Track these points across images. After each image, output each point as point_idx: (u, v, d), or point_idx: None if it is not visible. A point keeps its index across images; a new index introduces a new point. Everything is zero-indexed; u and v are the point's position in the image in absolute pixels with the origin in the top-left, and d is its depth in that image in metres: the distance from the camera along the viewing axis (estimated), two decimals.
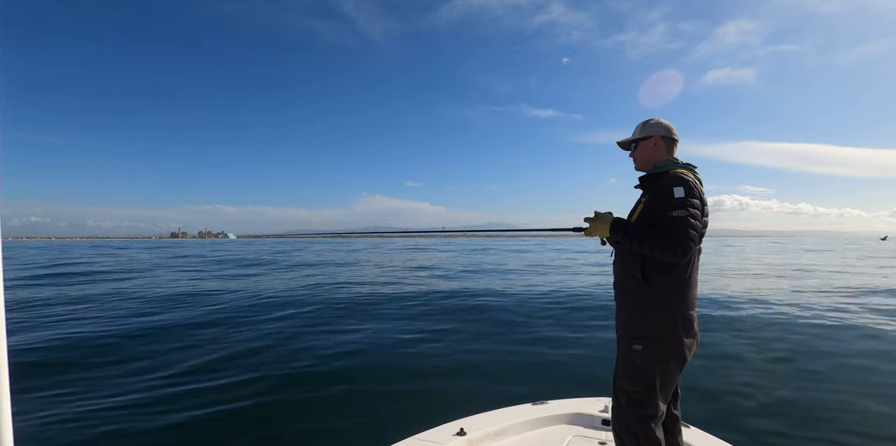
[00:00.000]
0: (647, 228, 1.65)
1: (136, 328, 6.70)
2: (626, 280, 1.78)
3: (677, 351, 1.68)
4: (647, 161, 1.90)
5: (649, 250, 1.61)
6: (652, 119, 1.91)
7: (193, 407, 3.63)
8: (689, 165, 1.82)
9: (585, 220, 1.82)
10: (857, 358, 5.07)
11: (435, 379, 4.38)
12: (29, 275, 15.91)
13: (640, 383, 1.70)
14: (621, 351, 1.79)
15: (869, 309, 8.28)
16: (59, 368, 4.71)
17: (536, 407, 2.49)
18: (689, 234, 1.58)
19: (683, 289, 1.69)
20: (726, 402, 3.78)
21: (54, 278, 14.83)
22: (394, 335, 6.21)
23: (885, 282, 12.93)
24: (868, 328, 6.59)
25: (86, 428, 3.25)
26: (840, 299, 9.41)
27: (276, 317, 7.52)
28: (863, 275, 14.92)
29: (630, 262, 1.74)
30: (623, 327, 1.79)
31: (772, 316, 7.52)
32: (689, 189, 1.64)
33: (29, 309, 8.52)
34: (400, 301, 9.24)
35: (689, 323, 1.71)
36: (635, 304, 1.74)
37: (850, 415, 3.51)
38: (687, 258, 1.62)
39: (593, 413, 2.42)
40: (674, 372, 1.71)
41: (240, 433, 3.23)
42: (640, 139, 1.91)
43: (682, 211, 1.60)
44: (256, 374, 4.43)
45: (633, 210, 1.87)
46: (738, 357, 5.10)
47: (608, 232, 1.73)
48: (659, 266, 1.67)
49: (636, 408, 1.70)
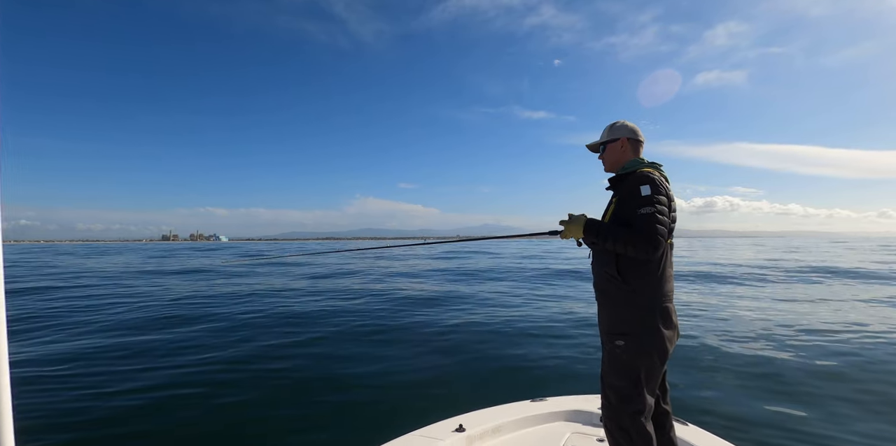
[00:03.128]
0: (618, 227, 1.71)
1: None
2: (603, 279, 1.83)
3: (659, 343, 1.72)
4: (615, 162, 1.97)
5: (622, 248, 1.67)
6: (618, 122, 1.99)
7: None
8: (654, 164, 1.89)
9: (560, 223, 1.88)
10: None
11: (432, 376, 4.41)
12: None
13: (626, 379, 1.73)
14: (605, 349, 1.83)
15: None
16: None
17: (535, 404, 2.50)
18: (658, 230, 1.64)
19: (658, 282, 1.74)
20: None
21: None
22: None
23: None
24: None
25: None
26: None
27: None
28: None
29: (606, 261, 1.79)
30: (604, 324, 1.84)
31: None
32: (655, 186, 1.71)
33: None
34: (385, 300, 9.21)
35: (668, 315, 1.76)
36: (614, 302, 1.79)
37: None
38: (658, 253, 1.67)
39: (592, 409, 2.44)
40: (657, 365, 1.75)
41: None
42: (608, 142, 1.98)
43: (649, 208, 1.66)
44: (243, 376, 4.41)
45: (605, 210, 1.93)
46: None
47: (582, 233, 1.78)
48: (634, 263, 1.73)
49: (625, 404, 1.73)
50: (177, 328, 7.24)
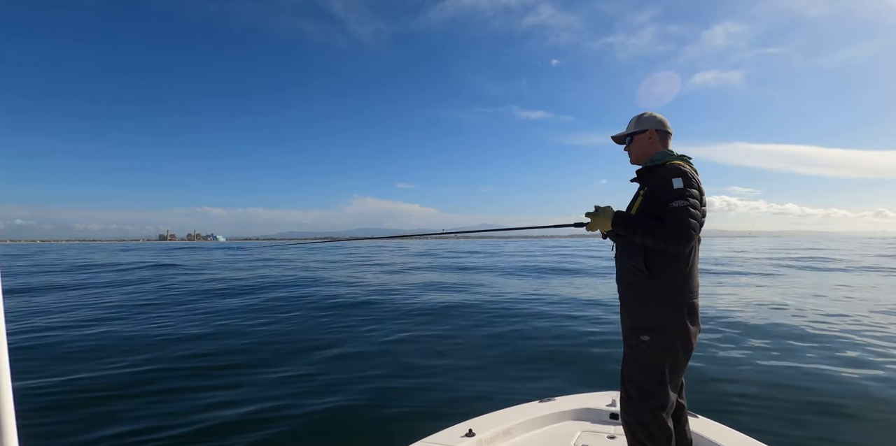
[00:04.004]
0: (648, 220, 1.67)
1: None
2: (629, 273, 1.79)
3: (685, 340, 1.69)
4: (642, 154, 1.92)
5: (652, 242, 1.63)
6: (646, 113, 1.94)
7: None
8: (684, 157, 1.85)
9: (587, 215, 1.83)
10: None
11: (441, 380, 4.36)
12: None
13: (650, 374, 1.71)
14: (628, 344, 1.80)
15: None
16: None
17: (544, 404, 2.49)
18: (691, 224, 1.60)
19: (686, 278, 1.71)
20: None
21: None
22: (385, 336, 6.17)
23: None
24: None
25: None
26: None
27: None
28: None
29: (633, 255, 1.75)
30: (629, 320, 1.80)
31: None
32: (688, 179, 1.67)
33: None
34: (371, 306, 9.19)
35: (694, 311, 1.73)
36: (640, 297, 1.75)
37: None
38: (689, 248, 1.64)
39: (601, 407, 2.43)
40: (682, 361, 1.72)
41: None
42: (636, 133, 1.93)
43: (682, 201, 1.62)
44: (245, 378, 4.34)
45: (631, 203, 1.89)
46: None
47: (610, 225, 1.74)
48: (662, 257, 1.69)
49: (647, 400, 1.70)
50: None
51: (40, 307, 9.16)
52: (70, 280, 15.25)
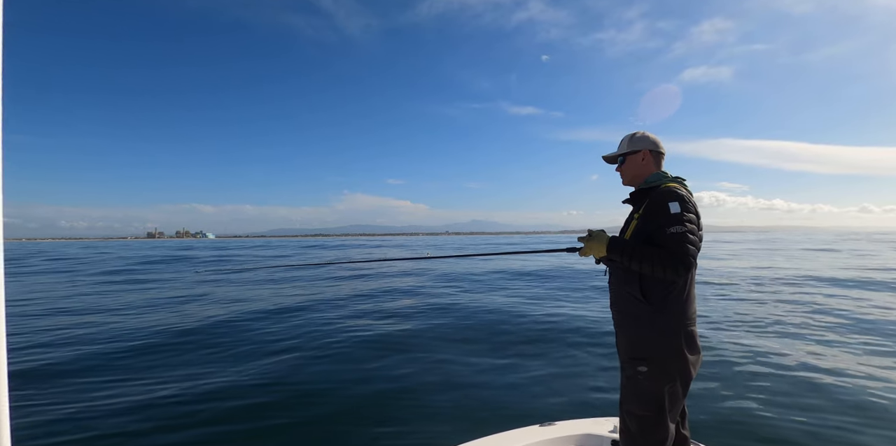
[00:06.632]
0: (645, 246, 1.61)
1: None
2: (624, 299, 1.73)
3: (683, 369, 1.63)
4: (635, 176, 1.87)
5: (650, 269, 1.57)
6: (638, 132, 1.88)
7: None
8: (678, 179, 1.79)
9: (579, 240, 1.77)
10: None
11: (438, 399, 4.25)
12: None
13: (648, 406, 1.65)
14: (625, 374, 1.74)
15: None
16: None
17: (544, 429, 2.41)
18: (689, 250, 1.54)
19: (684, 305, 1.65)
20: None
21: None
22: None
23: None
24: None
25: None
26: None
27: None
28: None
29: (628, 281, 1.69)
30: (626, 349, 1.74)
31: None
32: (685, 203, 1.61)
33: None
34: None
35: (693, 339, 1.67)
36: (637, 324, 1.69)
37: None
38: (688, 275, 1.58)
39: (602, 433, 2.36)
40: (681, 391, 1.66)
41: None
42: (628, 153, 1.87)
43: (679, 227, 1.56)
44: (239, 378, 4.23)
45: (625, 226, 1.83)
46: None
47: (604, 251, 1.68)
48: (659, 283, 1.63)
49: (647, 435, 1.64)
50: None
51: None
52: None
